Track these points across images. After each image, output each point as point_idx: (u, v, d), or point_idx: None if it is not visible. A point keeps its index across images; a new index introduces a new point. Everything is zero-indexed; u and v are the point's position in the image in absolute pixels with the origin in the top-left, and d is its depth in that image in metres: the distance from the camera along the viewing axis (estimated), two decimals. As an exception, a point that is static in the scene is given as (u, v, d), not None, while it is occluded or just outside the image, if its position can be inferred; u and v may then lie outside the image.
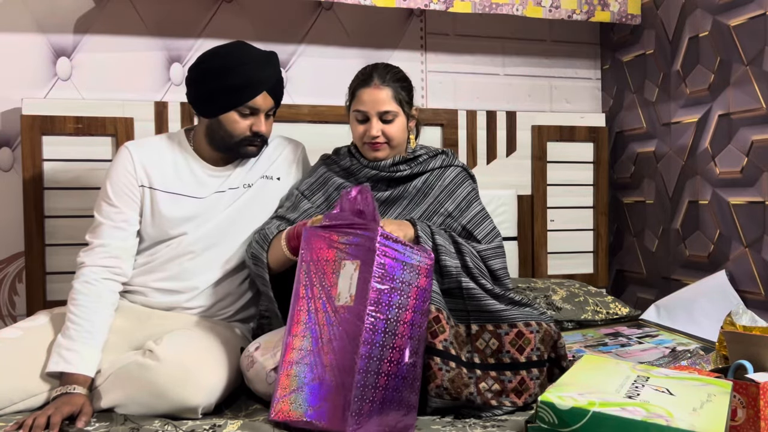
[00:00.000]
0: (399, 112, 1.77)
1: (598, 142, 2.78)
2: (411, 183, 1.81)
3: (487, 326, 1.57)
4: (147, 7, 2.42)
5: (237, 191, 1.82)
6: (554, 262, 2.74)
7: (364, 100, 1.75)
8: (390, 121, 1.76)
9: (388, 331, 1.35)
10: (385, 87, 1.75)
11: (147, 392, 1.48)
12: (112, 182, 1.75)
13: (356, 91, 1.78)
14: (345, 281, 1.40)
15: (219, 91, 1.71)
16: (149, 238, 1.77)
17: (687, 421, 1.08)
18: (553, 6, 2.53)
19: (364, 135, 1.76)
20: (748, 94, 2.17)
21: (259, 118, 1.75)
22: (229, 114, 1.73)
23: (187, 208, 1.77)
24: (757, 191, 2.15)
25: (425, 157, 1.84)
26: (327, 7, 2.60)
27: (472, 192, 1.85)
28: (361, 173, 1.81)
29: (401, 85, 1.79)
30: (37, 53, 2.32)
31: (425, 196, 1.80)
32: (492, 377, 1.51)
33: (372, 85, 1.75)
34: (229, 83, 1.70)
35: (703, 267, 2.37)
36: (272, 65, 1.78)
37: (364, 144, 1.78)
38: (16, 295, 2.30)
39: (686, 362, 1.79)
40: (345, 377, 1.32)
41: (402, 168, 1.80)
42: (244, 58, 1.73)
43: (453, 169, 1.86)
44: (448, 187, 1.82)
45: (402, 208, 1.79)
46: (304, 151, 1.97)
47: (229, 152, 1.80)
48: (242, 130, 1.74)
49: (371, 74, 1.77)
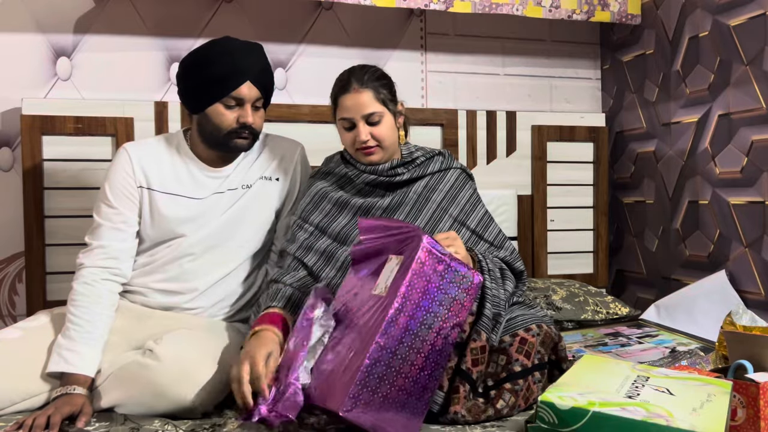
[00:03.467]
0: (384, 111, 1.72)
1: (598, 142, 2.78)
2: (411, 188, 1.78)
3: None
4: (147, 7, 2.42)
5: (236, 192, 1.81)
6: (554, 262, 2.74)
7: (347, 107, 1.71)
8: (377, 122, 1.71)
9: (412, 332, 1.32)
10: (365, 89, 1.70)
11: (147, 392, 1.48)
12: (110, 183, 1.75)
13: (337, 99, 1.74)
14: (385, 273, 1.40)
15: (202, 84, 1.71)
16: (149, 239, 1.77)
17: (687, 421, 1.08)
18: (553, 6, 2.53)
19: (354, 141, 1.72)
20: (748, 94, 2.17)
21: (246, 109, 1.73)
22: (215, 107, 1.72)
23: (186, 209, 1.77)
24: (757, 191, 2.15)
25: (422, 159, 1.81)
26: (327, 7, 2.60)
27: (474, 194, 1.83)
28: (359, 179, 1.78)
29: (381, 83, 1.74)
30: (37, 53, 2.32)
31: (427, 201, 1.77)
32: (507, 390, 1.48)
33: (351, 90, 1.70)
34: (212, 74, 1.69)
35: (703, 267, 2.37)
36: (255, 54, 1.76)
37: (357, 150, 1.74)
38: (16, 295, 2.30)
39: (686, 362, 1.79)
40: (356, 360, 1.30)
41: (401, 171, 1.77)
42: (225, 48, 1.73)
43: (453, 171, 1.83)
44: (450, 191, 1.80)
45: (405, 215, 1.75)
46: (303, 151, 1.96)
47: (221, 147, 1.78)
48: (229, 122, 1.72)
49: (348, 79, 1.72)
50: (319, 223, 1.76)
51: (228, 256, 1.79)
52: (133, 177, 1.75)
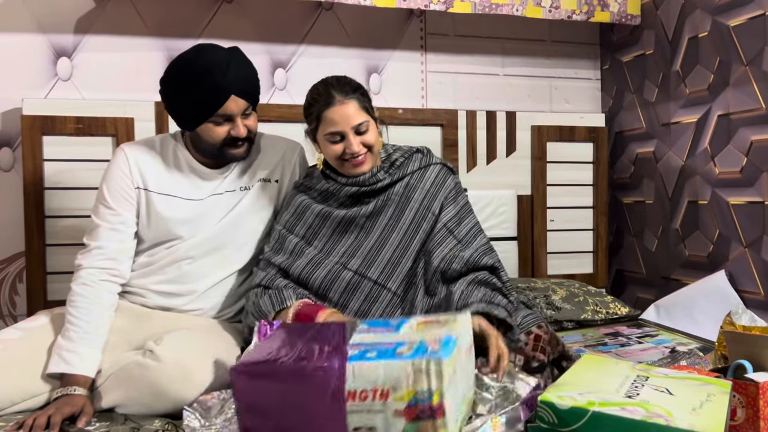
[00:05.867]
0: (369, 119, 1.70)
1: (597, 142, 2.78)
2: (392, 190, 1.75)
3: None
4: (147, 8, 2.42)
5: (234, 194, 1.80)
6: (554, 262, 2.74)
7: (334, 120, 1.66)
8: (365, 131, 1.68)
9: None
10: (350, 100, 1.67)
11: (147, 392, 1.48)
12: (108, 184, 1.74)
13: (321, 114, 1.68)
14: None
15: (187, 108, 1.68)
16: (148, 240, 1.77)
17: (687, 420, 1.09)
18: (553, 6, 2.54)
19: (344, 153, 1.68)
20: (748, 95, 2.18)
21: (236, 123, 1.69)
22: (204, 125, 1.69)
23: (184, 210, 1.76)
24: (757, 191, 2.15)
25: (402, 160, 1.78)
26: (327, 8, 2.60)
27: (455, 188, 1.80)
28: (341, 193, 1.74)
29: (361, 92, 1.71)
30: (38, 53, 2.32)
31: (408, 200, 1.74)
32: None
33: (336, 103, 1.66)
34: (194, 98, 1.65)
35: (703, 267, 2.37)
36: (234, 65, 1.68)
37: (345, 162, 1.70)
38: (16, 294, 2.30)
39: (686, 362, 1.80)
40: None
41: (382, 177, 1.74)
42: (202, 67, 1.65)
43: (433, 167, 1.80)
44: (431, 188, 1.77)
45: (387, 217, 1.73)
46: (302, 151, 1.95)
47: (217, 158, 1.77)
48: (221, 137, 1.70)
49: (329, 92, 1.68)
50: (304, 234, 1.74)
51: (227, 258, 1.79)
52: (130, 177, 1.74)
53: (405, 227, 1.72)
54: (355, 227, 1.72)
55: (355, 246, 1.71)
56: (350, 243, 1.72)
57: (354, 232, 1.73)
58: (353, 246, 1.71)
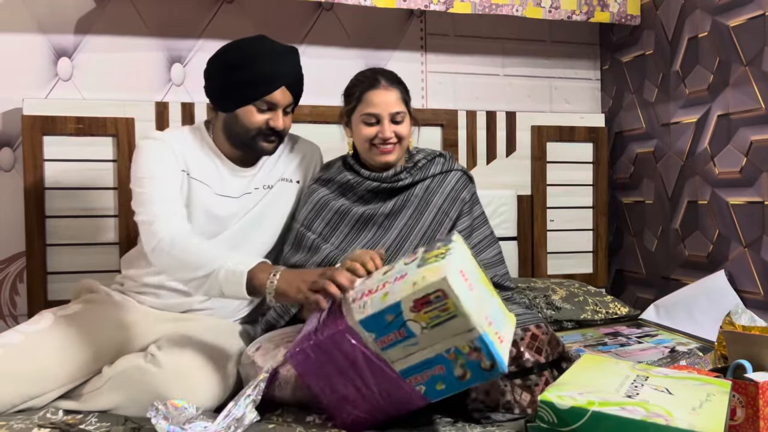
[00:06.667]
0: (406, 113, 1.77)
1: (597, 142, 2.78)
2: (412, 191, 1.79)
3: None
4: (148, 8, 2.42)
5: (258, 192, 1.80)
6: (554, 262, 2.74)
7: (376, 102, 1.73)
8: (400, 122, 1.75)
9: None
10: (393, 88, 1.75)
11: (147, 397, 1.48)
12: (153, 162, 1.64)
13: (363, 95, 1.74)
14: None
15: (236, 86, 1.68)
16: None
17: (686, 420, 1.09)
18: (553, 6, 2.54)
19: (375, 137, 1.74)
20: (748, 95, 2.18)
21: (277, 114, 1.71)
22: (246, 108, 1.69)
23: (223, 206, 1.74)
24: (756, 191, 2.15)
25: (424, 162, 1.83)
26: (327, 8, 2.60)
27: (472, 197, 1.84)
28: (361, 186, 1.78)
29: (404, 86, 1.80)
30: (38, 53, 2.32)
31: (428, 204, 1.78)
32: (518, 385, 1.45)
33: (381, 86, 1.74)
34: (246, 77, 1.66)
35: (703, 267, 2.37)
36: (292, 60, 1.74)
37: (373, 147, 1.75)
38: (17, 295, 2.30)
39: (685, 362, 1.80)
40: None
41: (403, 177, 1.79)
42: (262, 51, 1.69)
43: (454, 173, 1.85)
44: (450, 193, 1.81)
45: (407, 218, 1.76)
46: (320, 153, 1.96)
47: (245, 148, 1.75)
48: (259, 124, 1.70)
49: (376, 77, 1.75)
50: (322, 231, 1.76)
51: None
52: (176, 159, 1.68)
53: (424, 229, 1.74)
54: (373, 225, 1.75)
55: (373, 243, 1.74)
56: (368, 240, 1.74)
57: (372, 229, 1.75)
58: (371, 243, 1.74)
